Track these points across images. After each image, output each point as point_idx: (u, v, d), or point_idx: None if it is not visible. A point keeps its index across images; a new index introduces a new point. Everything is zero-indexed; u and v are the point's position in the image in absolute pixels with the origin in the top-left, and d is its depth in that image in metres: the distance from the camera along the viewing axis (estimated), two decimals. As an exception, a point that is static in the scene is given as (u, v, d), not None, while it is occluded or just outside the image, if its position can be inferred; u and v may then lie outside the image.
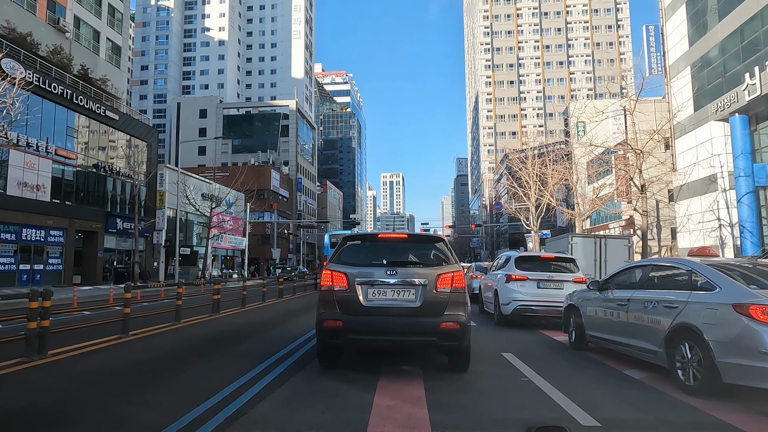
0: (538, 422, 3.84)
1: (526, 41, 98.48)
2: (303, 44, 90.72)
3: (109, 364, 6.15)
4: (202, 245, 40.97)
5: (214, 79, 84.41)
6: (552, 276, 10.27)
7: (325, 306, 5.29)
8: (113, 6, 36.48)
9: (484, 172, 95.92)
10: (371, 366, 5.79)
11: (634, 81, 26.25)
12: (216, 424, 3.63)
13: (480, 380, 5.30)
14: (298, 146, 71.38)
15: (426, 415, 3.96)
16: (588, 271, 15.42)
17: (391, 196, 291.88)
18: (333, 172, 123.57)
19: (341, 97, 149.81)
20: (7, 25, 25.92)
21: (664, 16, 31.53)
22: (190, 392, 4.61)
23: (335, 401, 4.46)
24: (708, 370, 4.53)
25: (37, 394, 4.68)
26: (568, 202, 43.61)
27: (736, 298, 4.53)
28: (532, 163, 32.69)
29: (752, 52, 22.55)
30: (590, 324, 7.02)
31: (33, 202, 25.15)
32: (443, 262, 5.55)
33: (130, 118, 34.40)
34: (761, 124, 23.75)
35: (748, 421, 3.96)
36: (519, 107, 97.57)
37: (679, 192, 29.36)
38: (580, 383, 5.29)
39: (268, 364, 5.84)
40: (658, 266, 6.25)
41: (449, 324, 5.09)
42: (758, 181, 23.13)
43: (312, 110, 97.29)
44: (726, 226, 25.23)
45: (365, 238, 6.37)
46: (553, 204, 31.64)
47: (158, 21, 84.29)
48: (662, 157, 27.46)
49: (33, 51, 26.43)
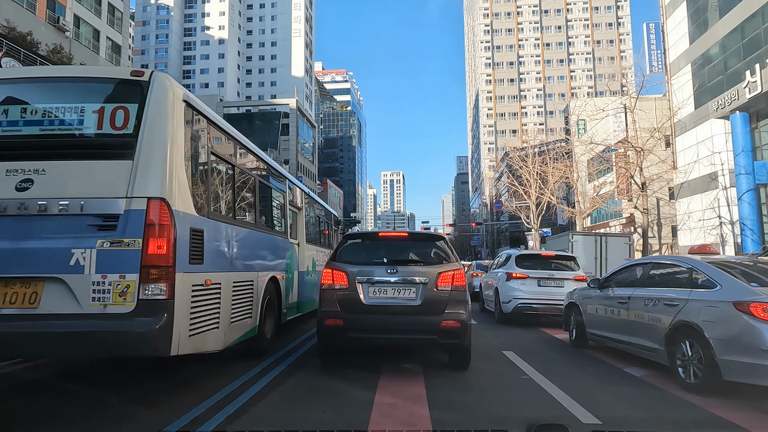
0: (539, 420, 3.85)
1: (527, 39, 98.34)
2: (303, 42, 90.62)
3: (109, 363, 6.15)
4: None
5: (214, 77, 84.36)
6: (553, 274, 10.29)
7: (326, 304, 5.30)
8: (113, 5, 36.47)
9: (485, 170, 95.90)
10: (372, 364, 5.79)
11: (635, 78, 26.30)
12: (217, 423, 3.64)
13: (481, 378, 5.31)
14: (299, 145, 71.36)
15: (427, 413, 3.97)
16: (588, 269, 15.43)
17: (392, 195, 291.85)
18: (333, 170, 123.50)
19: (341, 95, 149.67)
20: (7, 24, 25.89)
21: (665, 14, 31.46)
22: (191, 390, 4.62)
23: (336, 399, 4.47)
24: (709, 368, 4.54)
25: (37, 393, 4.69)
26: (568, 200, 43.59)
27: (736, 296, 4.53)
28: (532, 161, 32.67)
29: (753, 49, 22.50)
30: (591, 322, 7.03)
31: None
32: (444, 261, 5.56)
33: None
34: (762, 121, 23.71)
35: (748, 418, 3.97)
36: (519, 105, 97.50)
37: (680, 190, 29.34)
38: (580, 381, 5.29)
39: (270, 362, 5.85)
40: (659, 264, 6.25)
41: (450, 322, 5.10)
42: (759, 178, 23.09)
43: (312, 109, 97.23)
44: (727, 224, 25.21)
45: (366, 237, 6.38)
46: (553, 202, 31.62)
47: (158, 20, 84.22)
48: (663, 154, 27.43)
49: (33, 50, 26.39)
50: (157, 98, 4.04)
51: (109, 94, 4.16)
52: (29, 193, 3.84)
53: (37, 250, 3.77)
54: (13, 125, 4.04)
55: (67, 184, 3.89)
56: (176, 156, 4.09)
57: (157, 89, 4.07)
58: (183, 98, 4.30)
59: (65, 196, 3.84)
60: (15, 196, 3.82)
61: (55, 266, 3.73)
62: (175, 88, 4.24)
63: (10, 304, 3.73)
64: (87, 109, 4.06)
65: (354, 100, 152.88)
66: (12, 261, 3.76)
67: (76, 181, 3.90)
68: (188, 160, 4.32)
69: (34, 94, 4.21)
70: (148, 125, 3.97)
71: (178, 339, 3.92)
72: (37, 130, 4.03)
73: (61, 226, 3.81)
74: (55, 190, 3.86)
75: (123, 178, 3.89)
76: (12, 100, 4.11)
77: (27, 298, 3.74)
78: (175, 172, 4.06)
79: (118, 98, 4.10)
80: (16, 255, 3.76)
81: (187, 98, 4.39)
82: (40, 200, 3.82)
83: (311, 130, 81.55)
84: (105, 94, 4.17)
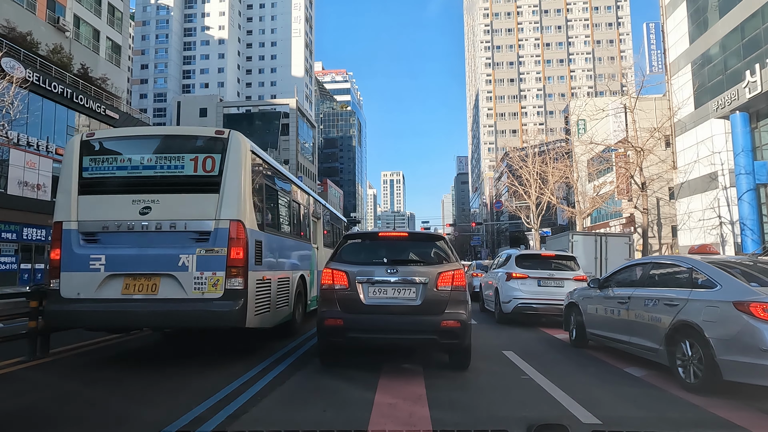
0: (539, 420, 3.85)
1: (527, 39, 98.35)
2: (303, 43, 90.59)
3: (110, 363, 6.16)
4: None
5: (214, 77, 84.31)
6: (553, 274, 10.28)
7: (326, 304, 5.30)
8: (113, 5, 36.45)
9: (485, 170, 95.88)
10: (372, 364, 5.79)
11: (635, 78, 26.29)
12: (217, 423, 3.64)
13: (481, 378, 5.31)
14: (299, 145, 71.34)
15: (427, 413, 3.97)
16: (589, 269, 15.43)
17: (392, 195, 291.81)
18: (333, 170, 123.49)
19: (341, 95, 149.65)
20: (7, 25, 25.89)
21: (665, 14, 31.46)
22: (192, 390, 4.62)
23: (336, 399, 4.47)
24: (708, 368, 4.54)
25: (39, 393, 4.69)
26: (568, 200, 43.59)
27: (736, 296, 4.53)
28: (532, 161, 32.66)
29: (753, 49, 22.50)
30: (591, 322, 7.03)
31: (34, 202, 25.14)
32: (444, 261, 5.55)
33: (130, 117, 34.40)
34: (762, 121, 23.71)
35: (748, 418, 3.97)
36: (519, 105, 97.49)
37: (680, 190, 29.33)
38: (580, 381, 5.29)
39: (270, 362, 5.85)
40: (659, 264, 6.25)
41: (450, 322, 5.10)
42: (759, 178, 23.09)
43: (312, 109, 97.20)
44: (727, 224, 25.21)
45: (366, 237, 6.37)
46: (553, 202, 31.62)
47: (158, 20, 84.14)
48: (663, 154, 27.43)
49: (33, 50, 26.41)
50: (233, 150, 5.80)
51: (200, 146, 5.93)
52: (149, 216, 5.61)
53: (156, 256, 5.50)
54: (136, 168, 5.85)
55: (174, 210, 5.63)
56: (246, 190, 5.84)
57: (234, 143, 5.83)
58: (250, 149, 6.13)
59: (173, 219, 5.60)
60: (139, 218, 5.61)
61: (169, 266, 5.48)
62: (245, 142, 6.03)
63: (138, 291, 5.49)
64: (186, 157, 5.79)
65: (354, 100, 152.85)
66: (139, 263, 5.51)
67: (181, 208, 5.64)
68: (253, 192, 6.07)
69: (150, 146, 5.99)
70: (228, 169, 5.71)
71: (249, 316, 5.62)
72: (152, 172, 5.82)
73: (171, 239, 5.56)
74: (167, 214, 5.61)
75: (212, 206, 5.61)
76: (134, 150, 5.92)
77: (149, 287, 5.49)
78: (246, 201, 5.80)
79: (206, 150, 5.84)
80: (142, 258, 5.51)
81: (253, 149, 6.28)
82: (156, 221, 5.58)
83: (311, 130, 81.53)
84: (198, 147, 5.93)
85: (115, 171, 5.89)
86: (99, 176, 5.88)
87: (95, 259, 5.56)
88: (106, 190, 5.84)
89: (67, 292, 5.54)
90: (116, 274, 5.53)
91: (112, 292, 5.49)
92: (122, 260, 5.54)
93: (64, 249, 5.64)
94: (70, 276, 5.57)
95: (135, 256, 5.51)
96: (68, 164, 5.95)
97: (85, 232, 5.69)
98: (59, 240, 5.68)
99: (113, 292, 5.49)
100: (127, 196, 5.72)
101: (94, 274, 5.53)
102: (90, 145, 5.98)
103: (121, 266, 5.55)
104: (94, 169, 5.91)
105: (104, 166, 5.91)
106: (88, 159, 5.92)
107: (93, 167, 5.91)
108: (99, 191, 5.83)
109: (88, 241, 5.67)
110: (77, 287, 5.52)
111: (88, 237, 5.68)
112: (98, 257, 5.56)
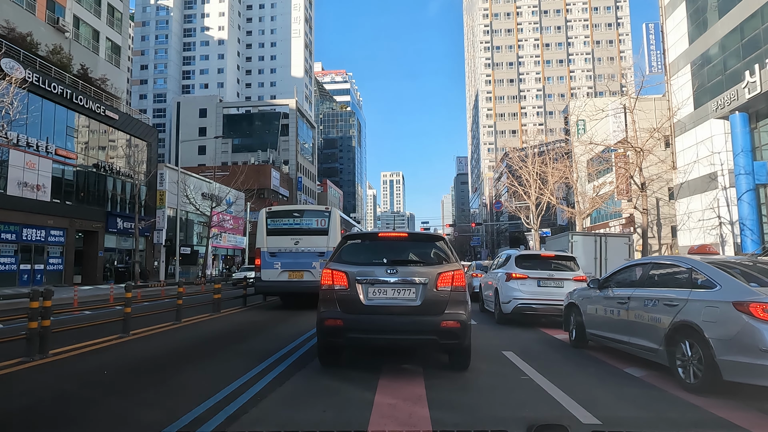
0: (539, 420, 3.85)
1: (526, 39, 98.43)
2: (303, 43, 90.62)
3: (110, 364, 6.16)
4: (202, 244, 40.98)
5: (214, 78, 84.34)
6: (552, 274, 10.27)
7: (326, 305, 5.29)
8: (113, 5, 36.43)
9: (485, 171, 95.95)
10: (372, 365, 5.79)
11: (634, 79, 26.19)
12: (217, 423, 3.64)
13: (481, 379, 5.31)
14: (298, 145, 71.34)
15: (427, 414, 3.97)
16: (588, 270, 15.43)
17: (392, 195, 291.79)
18: (333, 171, 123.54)
19: (341, 95, 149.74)
20: (7, 25, 25.88)
21: (664, 14, 31.49)
22: (191, 391, 4.62)
23: (336, 400, 4.47)
24: (708, 368, 4.53)
25: (39, 393, 4.69)
26: (568, 200, 43.60)
27: (736, 296, 4.52)
28: (532, 162, 32.65)
29: (752, 49, 22.53)
30: (591, 322, 7.02)
31: (33, 202, 25.15)
32: (443, 261, 5.55)
33: (130, 118, 34.38)
34: (761, 121, 23.73)
35: (748, 418, 3.96)
36: (519, 105, 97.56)
37: (680, 190, 29.35)
38: (580, 381, 5.29)
39: (269, 363, 5.85)
40: (659, 264, 6.24)
41: (450, 322, 5.09)
42: (758, 178, 23.11)
43: (312, 109, 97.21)
44: (726, 224, 25.23)
45: (365, 237, 6.37)
46: (553, 202, 31.62)
47: (158, 20, 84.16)
48: (662, 155, 27.43)
49: (32, 51, 26.39)
50: (333, 216, 13.53)
51: (319, 212, 13.86)
52: (298, 245, 13.23)
53: (302, 262, 13.05)
54: (289, 224, 13.70)
55: (310, 242, 13.21)
56: (338, 233, 12.99)
57: (333, 212, 13.68)
58: (339, 214, 13.98)
59: (309, 246, 13.16)
60: (294, 246, 13.25)
61: (307, 267, 12.98)
62: (337, 210, 13.95)
63: (294, 278, 13.04)
64: (314, 218, 13.64)
65: (354, 101, 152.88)
66: (294, 265, 13.07)
67: (312, 241, 13.22)
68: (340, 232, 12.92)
69: (297, 213, 14.20)
70: (330, 225, 13.39)
71: None
72: (299, 226, 13.62)
73: (308, 255, 13.07)
74: (306, 244, 13.21)
75: (325, 241, 13.11)
76: (290, 215, 14.03)
77: (299, 276, 13.02)
78: (337, 238, 12.32)
79: (321, 215, 13.66)
80: (296, 264, 13.08)
81: (341, 213, 14.30)
82: (302, 247, 13.21)
83: (311, 130, 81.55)
84: (319, 213, 13.81)
85: (282, 225, 13.57)
86: (275, 227, 13.54)
87: (276, 263, 13.09)
88: (279, 233, 13.38)
89: (265, 277, 13.19)
90: (285, 270, 13.00)
91: (284, 277, 13.02)
92: (287, 264, 13.01)
93: (262, 259, 13.23)
94: (265, 271, 13.16)
95: (293, 262, 13.00)
96: (261, 222, 13.59)
97: (270, 252, 13.22)
98: (260, 256, 13.32)
99: (284, 277, 13.02)
100: (288, 236, 13.24)
101: (275, 270, 13.07)
102: (271, 212, 13.87)
103: (286, 267, 13.01)
104: (272, 224, 13.57)
105: (277, 222, 13.62)
106: (269, 219, 13.62)
107: (272, 223, 13.58)
108: (276, 234, 13.40)
109: (272, 255, 13.19)
110: (269, 276, 13.13)
111: (272, 254, 13.20)
112: (277, 263, 13.08)
